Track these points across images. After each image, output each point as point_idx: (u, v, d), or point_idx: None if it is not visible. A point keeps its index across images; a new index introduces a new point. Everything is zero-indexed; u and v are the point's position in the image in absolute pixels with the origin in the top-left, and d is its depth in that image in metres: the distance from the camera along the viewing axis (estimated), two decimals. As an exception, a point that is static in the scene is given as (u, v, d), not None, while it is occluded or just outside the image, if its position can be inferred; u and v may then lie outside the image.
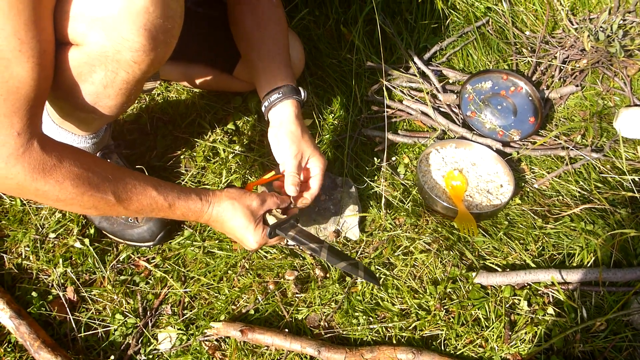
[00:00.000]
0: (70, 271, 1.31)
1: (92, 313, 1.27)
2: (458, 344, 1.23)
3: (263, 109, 1.27)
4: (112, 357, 1.20)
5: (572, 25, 1.93)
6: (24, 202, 1.43)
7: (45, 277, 1.32)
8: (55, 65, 0.91)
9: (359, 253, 1.38)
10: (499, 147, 1.60)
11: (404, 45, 1.86)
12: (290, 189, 1.21)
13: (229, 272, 1.34)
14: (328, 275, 1.33)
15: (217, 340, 1.24)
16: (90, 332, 1.24)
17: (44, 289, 1.30)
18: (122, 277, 1.32)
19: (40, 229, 1.38)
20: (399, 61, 1.85)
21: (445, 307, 1.27)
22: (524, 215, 1.48)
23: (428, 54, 1.88)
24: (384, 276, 1.33)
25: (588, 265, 1.34)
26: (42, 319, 1.25)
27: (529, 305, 1.28)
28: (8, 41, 0.78)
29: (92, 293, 1.30)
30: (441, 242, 1.38)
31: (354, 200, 1.45)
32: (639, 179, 1.54)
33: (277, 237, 1.17)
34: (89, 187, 0.93)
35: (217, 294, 1.30)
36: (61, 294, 1.29)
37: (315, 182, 1.27)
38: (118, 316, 1.26)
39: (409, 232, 1.40)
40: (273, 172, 1.29)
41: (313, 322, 1.27)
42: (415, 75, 1.76)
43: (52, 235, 1.37)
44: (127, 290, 1.30)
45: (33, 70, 0.83)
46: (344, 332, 1.25)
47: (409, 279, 1.32)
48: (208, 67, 1.61)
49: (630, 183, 1.52)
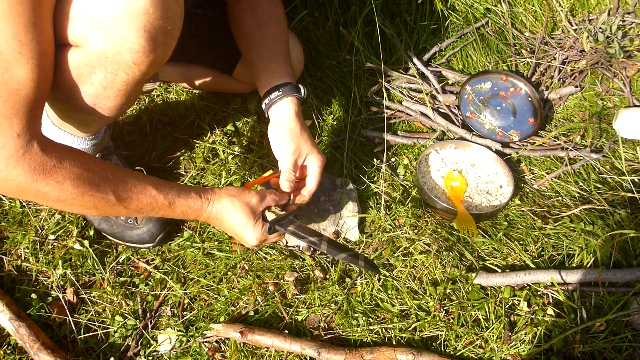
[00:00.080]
0: (70, 273, 1.31)
1: (92, 315, 1.27)
2: (458, 345, 1.23)
3: (263, 106, 1.28)
4: (112, 358, 1.20)
5: (572, 26, 1.93)
6: (24, 203, 1.43)
7: (45, 278, 1.32)
8: (55, 67, 0.91)
9: (358, 254, 1.38)
10: (498, 147, 1.60)
11: (404, 47, 1.86)
12: (284, 184, 1.22)
13: (229, 273, 1.34)
14: (328, 277, 1.33)
15: (216, 341, 1.24)
16: (90, 334, 1.24)
17: (44, 291, 1.30)
18: (122, 279, 1.32)
19: (40, 231, 1.38)
20: (398, 62, 1.86)
21: (445, 308, 1.27)
22: (524, 216, 1.48)
23: (427, 55, 1.88)
24: (383, 277, 1.33)
25: (588, 265, 1.34)
26: (42, 321, 1.25)
27: (529, 306, 1.28)
28: (8, 43, 0.78)
29: (91, 295, 1.30)
30: (441, 243, 1.38)
31: (354, 201, 1.45)
32: (638, 179, 1.54)
33: (277, 232, 1.17)
34: (90, 187, 0.93)
35: (216, 296, 1.30)
36: (61, 295, 1.28)
37: (312, 179, 1.27)
38: (118, 318, 1.26)
39: (408, 233, 1.40)
40: (271, 170, 1.30)
41: (313, 323, 1.27)
42: (415, 76, 1.76)
43: (51, 237, 1.37)
44: (127, 292, 1.30)
45: (33, 72, 0.83)
46: (344, 333, 1.25)
47: (409, 280, 1.32)
48: (207, 68, 1.61)
49: (629, 184, 1.52)
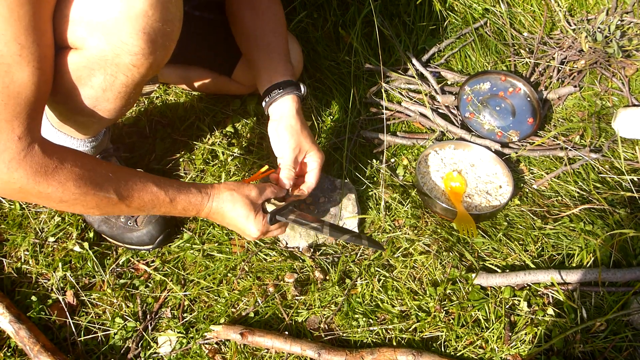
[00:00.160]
0: (70, 275, 1.31)
1: (92, 317, 1.27)
2: (458, 345, 1.23)
3: (264, 104, 1.28)
4: (112, 360, 1.20)
5: (570, 26, 1.94)
6: (23, 206, 1.43)
7: (45, 281, 1.32)
8: (55, 70, 0.91)
9: (358, 255, 1.38)
10: (497, 148, 1.61)
11: (402, 47, 1.86)
12: (285, 181, 1.23)
13: (229, 274, 1.34)
14: (328, 278, 1.33)
15: (217, 343, 1.24)
16: (90, 336, 1.24)
17: (44, 293, 1.30)
18: (122, 281, 1.32)
19: (40, 233, 1.38)
20: (397, 63, 1.86)
21: (445, 308, 1.27)
22: (523, 216, 1.48)
23: (426, 55, 1.88)
24: (383, 278, 1.33)
25: (587, 265, 1.34)
26: (42, 323, 1.25)
27: (529, 306, 1.28)
28: (8, 46, 0.79)
29: (91, 297, 1.30)
30: (440, 243, 1.38)
31: (353, 202, 1.45)
32: (637, 178, 1.54)
33: (278, 223, 1.19)
34: (91, 186, 0.93)
35: (216, 297, 1.30)
36: (61, 297, 1.28)
37: (312, 176, 1.28)
38: (118, 320, 1.26)
39: (408, 234, 1.40)
40: (267, 166, 1.32)
41: (313, 325, 1.27)
42: (414, 77, 1.76)
43: (51, 239, 1.37)
44: (127, 294, 1.30)
45: (33, 75, 0.83)
46: (344, 334, 1.25)
47: (409, 281, 1.32)
48: (207, 70, 1.61)
49: (629, 183, 1.52)
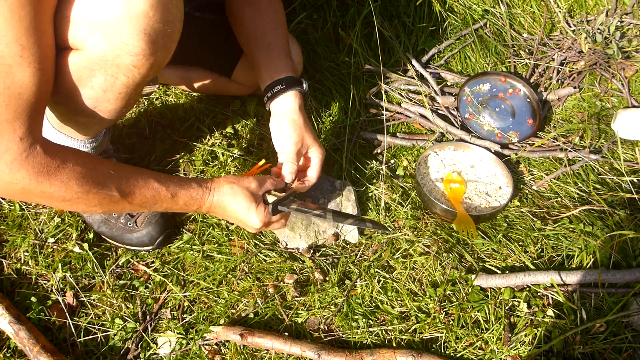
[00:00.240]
0: (70, 276, 1.31)
1: (92, 318, 1.27)
2: (458, 347, 1.23)
3: (265, 99, 1.29)
4: (112, 361, 1.20)
5: (570, 27, 1.94)
6: (23, 207, 1.43)
7: (45, 282, 1.32)
8: (56, 70, 0.91)
9: (358, 256, 1.38)
10: (497, 149, 1.61)
11: (402, 48, 1.86)
12: (287, 176, 1.23)
13: (229, 275, 1.34)
14: (327, 279, 1.33)
15: (216, 344, 1.24)
16: (90, 337, 1.24)
17: (43, 294, 1.30)
18: (122, 282, 1.32)
19: (39, 234, 1.38)
20: (397, 64, 1.86)
21: (444, 309, 1.27)
22: (523, 217, 1.48)
23: (426, 56, 1.88)
24: (383, 279, 1.33)
25: (587, 266, 1.34)
26: (42, 324, 1.25)
27: (529, 307, 1.28)
28: (10, 47, 0.79)
29: (91, 298, 1.30)
30: (440, 244, 1.38)
31: (353, 203, 1.45)
32: (637, 180, 1.54)
33: (280, 214, 1.19)
34: (94, 184, 0.94)
35: (216, 298, 1.30)
36: (60, 298, 1.28)
37: (313, 171, 1.30)
38: (117, 321, 1.26)
39: (408, 235, 1.40)
40: (264, 160, 1.32)
41: (313, 326, 1.27)
42: (414, 78, 1.76)
43: (51, 240, 1.37)
44: (127, 295, 1.30)
45: (34, 76, 0.83)
46: (344, 336, 1.25)
47: (409, 282, 1.32)
48: (207, 71, 1.61)
49: (628, 184, 1.52)
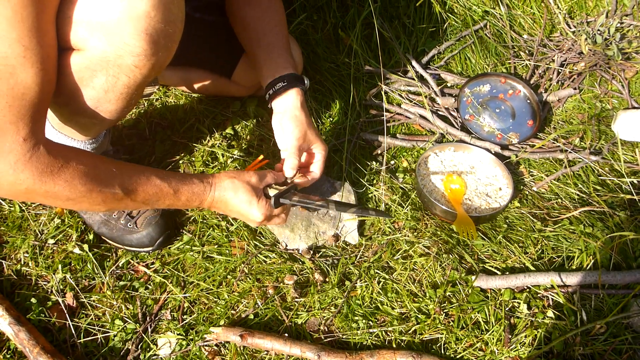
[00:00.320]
0: (70, 277, 1.31)
1: (92, 319, 1.27)
2: (458, 348, 1.22)
3: (267, 97, 1.29)
4: (112, 363, 1.20)
5: (570, 28, 1.94)
6: (23, 208, 1.43)
7: (45, 283, 1.32)
8: (57, 71, 0.91)
9: (358, 257, 1.38)
10: (497, 150, 1.61)
11: (402, 49, 1.86)
12: (288, 171, 1.24)
13: (228, 276, 1.34)
14: (327, 280, 1.33)
15: (216, 345, 1.24)
16: (90, 338, 1.24)
17: (43, 295, 1.30)
18: (122, 283, 1.32)
19: (39, 235, 1.38)
20: (397, 65, 1.86)
21: (445, 310, 1.27)
22: (523, 218, 1.48)
23: (426, 57, 1.88)
24: (383, 280, 1.33)
25: (587, 268, 1.34)
26: (42, 325, 1.25)
27: (529, 308, 1.28)
28: (13, 48, 0.79)
29: (91, 299, 1.30)
30: (440, 245, 1.38)
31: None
32: (637, 181, 1.54)
33: (282, 207, 1.20)
34: (97, 183, 0.94)
35: (216, 299, 1.30)
36: (60, 300, 1.28)
37: (316, 167, 1.31)
38: (117, 322, 1.26)
39: (408, 236, 1.40)
40: (262, 156, 1.34)
41: (313, 327, 1.27)
42: (414, 79, 1.76)
43: (51, 241, 1.37)
44: (127, 296, 1.30)
45: (37, 76, 0.83)
46: (344, 337, 1.25)
47: (409, 283, 1.32)
48: (207, 72, 1.61)
49: (628, 185, 1.52)
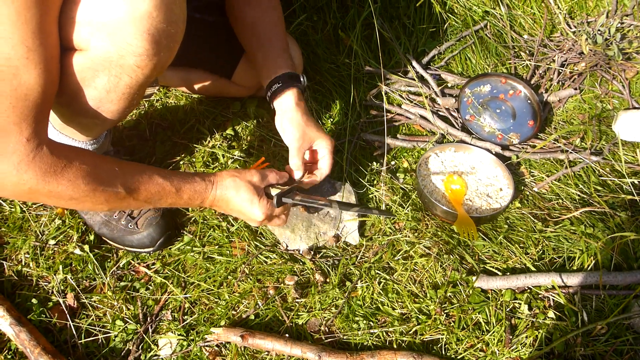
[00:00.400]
0: (70, 278, 1.31)
1: (93, 319, 1.27)
2: (459, 348, 1.22)
3: (267, 98, 1.31)
4: (113, 363, 1.20)
5: (570, 28, 1.94)
6: (24, 209, 1.43)
7: (46, 283, 1.32)
8: (60, 71, 0.91)
9: (358, 258, 1.38)
10: (498, 150, 1.61)
11: (402, 50, 1.86)
12: (296, 173, 1.28)
13: (229, 277, 1.34)
14: (328, 280, 1.33)
15: (217, 345, 1.24)
16: (91, 339, 1.24)
17: (44, 296, 1.30)
18: (122, 283, 1.32)
19: (40, 236, 1.38)
20: (397, 65, 1.86)
21: (445, 311, 1.27)
22: (524, 218, 1.48)
23: (426, 58, 1.88)
24: (383, 280, 1.33)
25: (588, 268, 1.34)
26: (43, 326, 1.25)
27: (530, 309, 1.28)
28: (16, 49, 0.79)
29: (92, 299, 1.30)
30: (441, 246, 1.38)
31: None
32: (638, 181, 1.54)
33: (283, 206, 1.21)
34: (100, 182, 0.95)
35: (217, 300, 1.30)
36: (61, 300, 1.28)
37: (324, 163, 1.32)
38: (118, 322, 1.26)
39: (408, 237, 1.40)
40: (263, 158, 1.36)
41: (313, 327, 1.27)
42: (414, 80, 1.76)
43: (52, 242, 1.37)
44: (128, 297, 1.30)
45: (40, 77, 0.84)
46: (345, 337, 1.25)
47: (409, 284, 1.32)
48: (207, 73, 1.61)
49: (629, 186, 1.52)
